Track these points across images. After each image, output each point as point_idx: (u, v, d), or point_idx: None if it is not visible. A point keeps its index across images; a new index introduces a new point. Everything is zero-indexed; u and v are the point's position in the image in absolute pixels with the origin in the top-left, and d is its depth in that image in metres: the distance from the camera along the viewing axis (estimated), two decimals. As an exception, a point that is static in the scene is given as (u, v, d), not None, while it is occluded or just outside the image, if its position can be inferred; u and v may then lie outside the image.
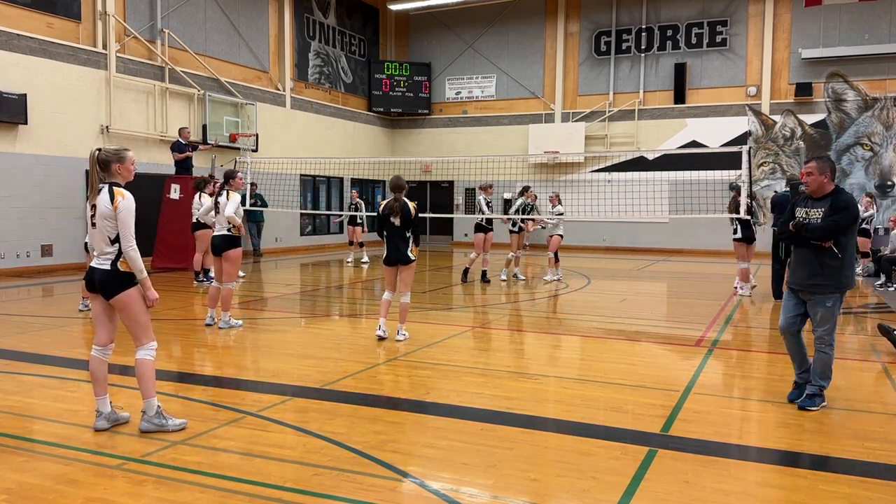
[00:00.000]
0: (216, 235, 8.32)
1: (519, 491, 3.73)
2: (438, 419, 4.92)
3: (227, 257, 8.22)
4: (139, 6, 15.90)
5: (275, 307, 10.28)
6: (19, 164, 13.37)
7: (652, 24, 21.82)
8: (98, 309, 4.56)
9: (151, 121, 16.04)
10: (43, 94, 13.68)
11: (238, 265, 8.44)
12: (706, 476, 3.92)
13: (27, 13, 13.67)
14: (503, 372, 6.41)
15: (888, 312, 10.00)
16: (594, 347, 7.67)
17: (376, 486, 3.76)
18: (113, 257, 4.45)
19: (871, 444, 4.38)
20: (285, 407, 5.18)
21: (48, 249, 13.95)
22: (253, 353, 7.26)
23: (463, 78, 24.40)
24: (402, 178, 7.61)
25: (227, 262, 8.23)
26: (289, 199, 19.24)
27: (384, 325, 7.64)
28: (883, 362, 6.80)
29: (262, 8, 19.58)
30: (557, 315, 9.82)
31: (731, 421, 5.10)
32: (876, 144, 19.42)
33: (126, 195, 4.44)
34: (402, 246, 7.50)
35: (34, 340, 7.49)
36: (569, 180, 22.17)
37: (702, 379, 6.14)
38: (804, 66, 19.97)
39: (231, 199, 8.17)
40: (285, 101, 20.34)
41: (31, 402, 5.21)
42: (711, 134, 20.82)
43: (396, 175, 7.67)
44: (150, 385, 4.53)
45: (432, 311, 9.99)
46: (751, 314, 9.96)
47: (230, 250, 8.20)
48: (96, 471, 3.94)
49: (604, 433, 4.64)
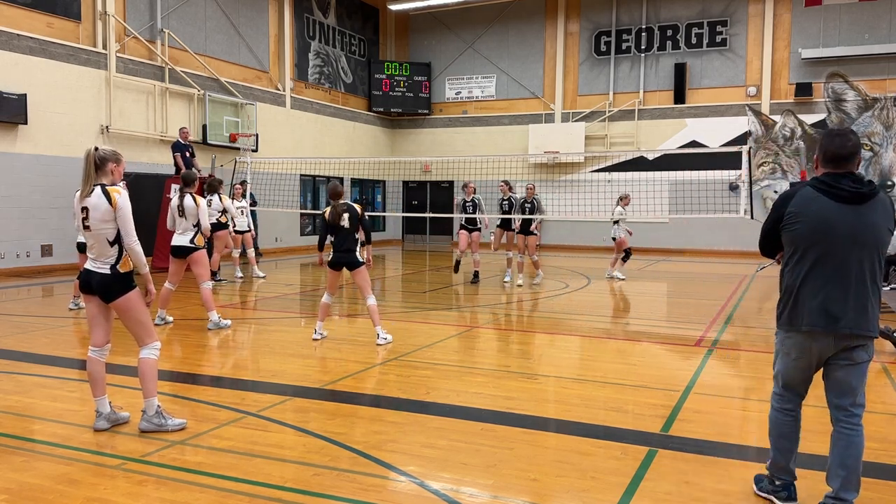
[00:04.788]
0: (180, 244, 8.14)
1: (519, 491, 3.73)
2: (438, 419, 4.92)
3: (192, 260, 8.09)
4: (139, 6, 15.90)
5: (275, 307, 10.27)
6: (19, 164, 13.37)
7: (652, 24, 21.82)
8: (94, 310, 4.55)
9: (151, 121, 16.04)
10: (43, 94, 13.68)
11: (206, 265, 8.27)
12: (706, 476, 3.92)
13: (27, 13, 13.66)
14: (503, 372, 6.41)
15: (888, 312, 10.00)
16: (594, 347, 7.67)
17: (376, 486, 3.76)
18: (113, 261, 4.43)
19: (871, 444, 4.36)
20: (285, 407, 5.18)
21: (48, 249, 13.95)
22: (253, 353, 7.26)
23: (463, 78, 24.39)
24: (340, 185, 7.52)
25: (196, 265, 8.12)
26: (289, 200, 19.23)
27: (321, 329, 7.58)
28: (883, 362, 6.80)
29: (262, 8, 19.58)
30: (557, 315, 9.81)
31: (731, 421, 5.10)
32: (876, 144, 19.42)
33: (122, 192, 4.43)
34: (352, 247, 7.34)
35: (34, 340, 7.48)
36: (569, 180, 22.17)
37: (702, 379, 6.13)
38: (804, 66, 19.97)
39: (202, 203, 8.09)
40: (285, 101, 20.34)
41: (30, 402, 5.21)
42: (711, 134, 20.81)
43: (333, 182, 7.64)
44: (151, 385, 4.53)
45: (432, 311, 9.99)
46: (751, 314, 9.96)
47: (194, 253, 8.09)
48: (96, 471, 3.94)
49: (604, 433, 4.64)
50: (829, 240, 3.26)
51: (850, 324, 3.26)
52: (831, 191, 3.24)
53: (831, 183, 3.27)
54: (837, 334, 3.28)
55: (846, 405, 3.37)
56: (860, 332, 3.27)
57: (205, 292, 8.09)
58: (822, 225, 3.26)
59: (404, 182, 25.13)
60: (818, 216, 3.27)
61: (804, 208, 3.28)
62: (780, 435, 3.54)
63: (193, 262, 8.12)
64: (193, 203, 8.05)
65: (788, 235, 3.38)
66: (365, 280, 7.45)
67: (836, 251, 3.26)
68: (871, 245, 3.26)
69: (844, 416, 3.37)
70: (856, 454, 3.32)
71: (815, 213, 3.27)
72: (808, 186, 3.35)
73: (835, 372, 3.38)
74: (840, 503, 3.30)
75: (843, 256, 3.25)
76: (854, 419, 3.36)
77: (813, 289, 3.31)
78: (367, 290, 7.45)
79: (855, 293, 3.26)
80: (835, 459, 3.36)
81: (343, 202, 7.37)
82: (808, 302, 3.31)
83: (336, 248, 7.39)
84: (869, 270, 3.28)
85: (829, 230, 3.25)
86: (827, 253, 3.28)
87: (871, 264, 3.28)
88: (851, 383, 3.36)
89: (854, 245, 3.25)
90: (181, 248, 8.11)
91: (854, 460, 3.31)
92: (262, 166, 17.72)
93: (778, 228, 3.43)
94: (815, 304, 3.29)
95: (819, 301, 3.29)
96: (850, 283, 3.26)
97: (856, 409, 3.37)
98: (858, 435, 3.35)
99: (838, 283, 3.27)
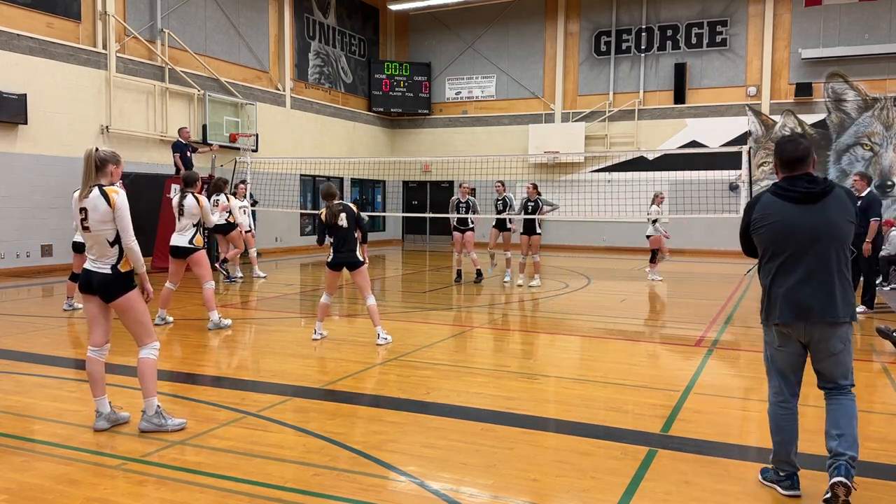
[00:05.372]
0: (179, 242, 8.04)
1: (519, 491, 3.73)
2: (438, 419, 4.92)
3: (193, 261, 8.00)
4: (139, 6, 15.90)
5: (275, 307, 10.27)
6: (19, 164, 13.37)
7: (652, 24, 21.82)
8: (93, 310, 4.55)
9: (151, 121, 16.04)
10: (43, 94, 13.68)
11: (207, 265, 8.18)
12: (706, 476, 3.92)
13: (27, 13, 13.66)
14: (503, 372, 6.41)
15: (888, 312, 10.00)
16: (594, 347, 7.67)
17: (376, 486, 3.76)
18: (114, 261, 4.44)
19: (871, 444, 4.37)
20: (285, 407, 5.18)
21: (48, 249, 13.94)
22: (253, 353, 7.26)
23: (463, 78, 24.40)
24: (333, 186, 7.50)
25: (196, 266, 8.04)
26: (289, 200, 19.24)
27: (321, 329, 7.59)
28: (883, 362, 6.80)
29: (262, 8, 19.58)
30: (557, 315, 9.81)
31: (731, 421, 5.10)
32: (876, 144, 19.42)
33: (120, 192, 4.44)
34: (352, 247, 7.33)
35: (34, 340, 7.48)
36: (569, 180, 22.17)
37: (702, 379, 6.13)
38: (804, 66, 19.97)
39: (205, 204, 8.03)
40: (285, 101, 20.34)
41: (30, 402, 5.21)
42: (711, 134, 20.82)
43: (327, 184, 7.62)
44: (151, 385, 4.53)
45: (432, 311, 9.99)
46: (751, 314, 9.96)
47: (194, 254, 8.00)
48: (96, 471, 3.94)
49: (604, 433, 4.64)
50: (792, 239, 3.55)
51: (820, 314, 3.52)
52: (787, 194, 3.55)
53: (787, 186, 3.57)
54: (808, 323, 3.55)
55: (836, 380, 3.65)
56: (830, 319, 3.52)
57: (207, 292, 8.05)
58: (784, 226, 3.55)
59: (404, 182, 25.13)
60: (779, 219, 3.56)
61: (766, 213, 3.59)
62: (778, 428, 3.72)
63: (194, 264, 8.04)
64: (195, 202, 7.97)
65: (756, 238, 3.70)
66: (365, 280, 7.44)
67: (799, 249, 3.54)
68: (831, 239, 3.52)
69: (835, 388, 3.65)
70: (848, 415, 3.57)
71: (776, 216, 3.57)
72: (767, 192, 3.66)
73: (818, 364, 3.66)
74: (839, 458, 3.48)
75: (807, 253, 3.52)
76: (844, 390, 3.63)
77: (782, 285, 3.59)
78: (367, 290, 7.44)
79: (821, 285, 3.53)
80: (830, 423, 3.61)
81: (338, 202, 7.37)
82: (779, 298, 3.60)
83: (336, 249, 7.37)
84: (834, 262, 3.53)
85: (791, 231, 3.54)
86: (792, 251, 3.56)
87: (837, 256, 3.54)
88: (835, 373, 3.62)
89: (816, 241, 3.51)
90: (179, 248, 8.04)
91: (847, 420, 3.55)
92: (262, 166, 17.72)
93: (748, 233, 3.74)
94: (786, 300, 3.58)
95: (789, 296, 3.57)
96: (815, 276, 3.53)
97: (845, 381, 3.63)
98: (851, 401, 3.62)
99: (804, 277, 3.54)
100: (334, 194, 7.40)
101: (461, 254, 13.09)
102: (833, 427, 3.58)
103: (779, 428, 3.71)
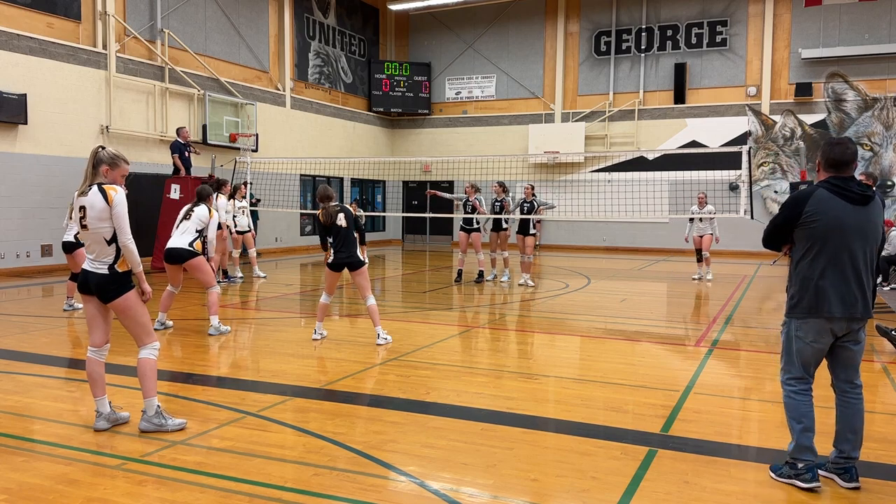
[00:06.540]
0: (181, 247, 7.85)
1: (519, 491, 3.73)
2: (438, 419, 4.92)
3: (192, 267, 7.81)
4: (139, 6, 15.90)
5: (275, 307, 10.27)
6: (19, 164, 13.37)
7: (652, 24, 21.82)
8: (92, 310, 4.54)
9: (151, 121, 16.04)
10: (43, 94, 13.68)
11: (208, 270, 8.02)
12: (706, 476, 3.92)
13: (27, 13, 13.66)
14: (503, 372, 6.41)
15: (888, 312, 10.00)
16: (594, 347, 7.67)
17: (376, 486, 3.76)
18: (111, 260, 4.43)
19: (871, 444, 4.37)
20: (285, 407, 5.18)
21: (48, 249, 13.94)
22: (253, 353, 7.26)
23: (463, 78, 24.40)
24: (329, 188, 7.48)
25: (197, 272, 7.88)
26: (289, 200, 19.24)
27: (321, 329, 7.59)
28: (883, 362, 6.81)
29: (262, 8, 19.58)
30: (557, 315, 9.81)
31: (731, 421, 5.10)
32: (876, 144, 19.42)
33: (118, 189, 4.42)
34: (352, 247, 7.34)
35: (34, 340, 7.48)
36: (569, 180, 22.17)
37: (702, 379, 6.13)
38: (804, 66, 19.97)
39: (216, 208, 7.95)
40: (285, 101, 20.34)
41: (30, 402, 5.21)
42: (711, 134, 20.82)
43: (322, 185, 7.61)
44: (151, 385, 4.53)
45: (432, 311, 9.99)
46: (751, 314, 9.96)
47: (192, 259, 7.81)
48: (96, 471, 3.94)
49: (604, 433, 4.64)
50: (843, 236, 3.71)
51: (861, 309, 3.75)
52: (844, 193, 3.71)
53: (843, 186, 3.72)
54: (851, 318, 3.74)
55: (852, 378, 3.86)
56: (867, 315, 3.79)
57: (212, 296, 7.92)
58: (837, 223, 3.71)
59: (404, 182, 25.13)
60: (834, 215, 3.71)
61: (821, 208, 3.71)
62: (801, 415, 3.83)
63: (195, 270, 7.85)
64: (206, 212, 7.91)
65: (806, 231, 3.78)
66: (365, 280, 7.44)
67: (847, 246, 3.72)
68: (874, 241, 3.78)
69: (850, 387, 3.86)
70: (861, 419, 3.84)
71: (833, 213, 3.71)
72: (821, 188, 3.76)
73: (844, 352, 3.84)
74: (851, 461, 3.78)
75: (853, 251, 3.72)
76: (857, 390, 3.87)
77: (833, 280, 3.75)
78: (367, 290, 7.45)
79: (862, 282, 3.76)
80: (845, 425, 3.82)
81: (335, 203, 7.37)
82: (830, 291, 3.74)
83: (336, 250, 7.38)
84: (870, 261, 3.81)
85: (843, 228, 3.71)
86: (841, 247, 3.72)
87: (871, 256, 3.81)
88: (856, 360, 3.86)
89: (863, 241, 3.74)
90: (176, 251, 7.79)
91: (860, 424, 3.83)
92: (261, 166, 17.73)
93: (792, 225, 3.82)
94: (836, 293, 3.74)
95: (840, 290, 3.74)
96: (859, 273, 3.75)
97: (858, 380, 3.89)
98: (862, 403, 3.87)
99: (853, 274, 3.75)
100: (331, 196, 7.41)
101: (465, 254, 13.05)
102: (848, 430, 3.79)
103: (802, 414, 3.81)
